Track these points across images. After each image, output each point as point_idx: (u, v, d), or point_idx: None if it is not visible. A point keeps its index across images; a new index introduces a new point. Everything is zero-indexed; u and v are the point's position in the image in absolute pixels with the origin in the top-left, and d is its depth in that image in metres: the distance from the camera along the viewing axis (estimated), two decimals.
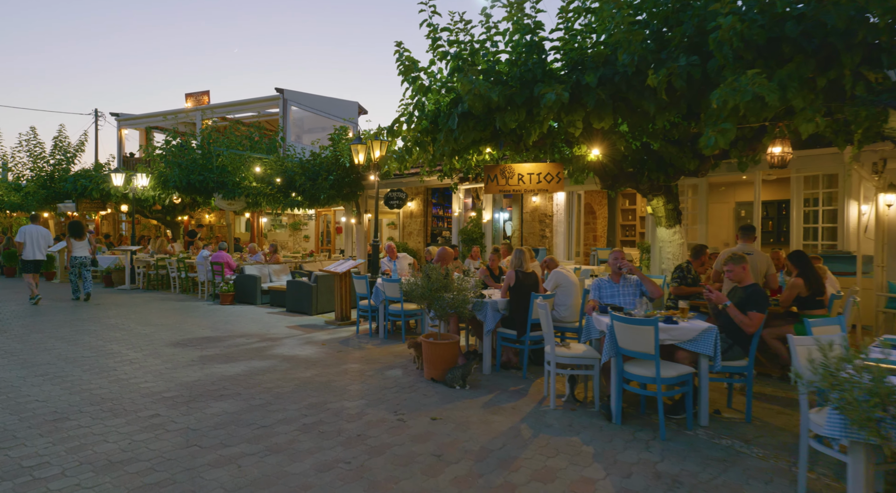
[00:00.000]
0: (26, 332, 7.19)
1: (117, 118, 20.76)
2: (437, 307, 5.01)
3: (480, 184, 10.51)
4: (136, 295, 11.43)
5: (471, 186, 10.56)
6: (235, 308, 9.77)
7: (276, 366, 5.61)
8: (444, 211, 16.65)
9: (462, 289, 5.04)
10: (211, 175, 12.38)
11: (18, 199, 18.37)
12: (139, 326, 7.79)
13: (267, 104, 17.41)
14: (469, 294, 5.08)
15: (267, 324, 8.18)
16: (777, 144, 4.97)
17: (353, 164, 11.55)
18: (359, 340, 7.09)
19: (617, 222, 15.74)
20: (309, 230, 18.15)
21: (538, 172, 7.59)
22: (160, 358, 5.87)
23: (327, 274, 9.32)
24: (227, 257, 10.92)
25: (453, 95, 6.63)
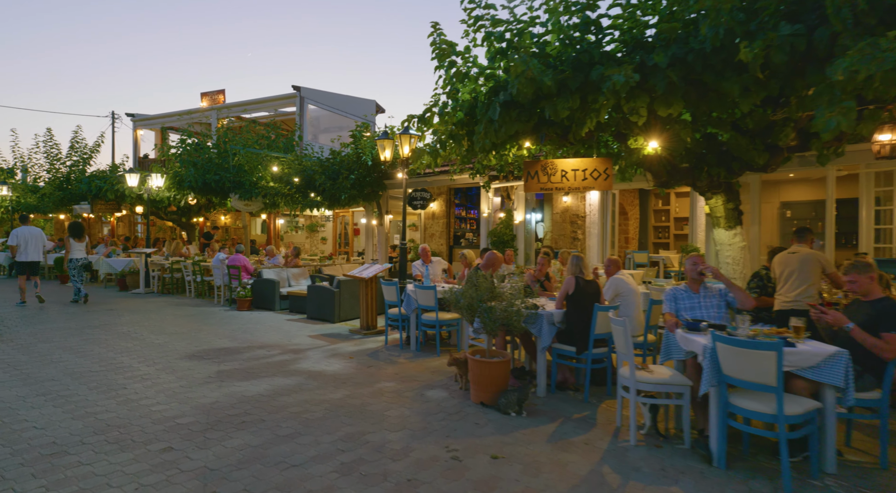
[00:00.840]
0: (34, 341, 6.70)
1: (133, 119, 20.47)
2: (485, 320, 4.38)
3: (512, 182, 9.86)
4: (150, 300, 10.97)
5: (502, 184, 9.92)
6: (253, 315, 9.23)
7: (301, 384, 5.01)
8: (468, 212, 16.02)
9: (513, 299, 4.40)
10: (227, 175, 11.89)
11: (35, 200, 18.14)
12: (152, 335, 7.27)
13: (283, 102, 16.95)
14: (521, 305, 4.44)
15: (288, 333, 7.61)
16: (886, 130, 4.26)
17: (375, 162, 10.98)
18: (389, 352, 6.48)
19: (649, 224, 15.00)
20: (326, 232, 17.63)
21: (584, 168, 6.92)
22: (174, 374, 5.31)
23: (351, 279, 8.74)
24: (244, 261, 10.39)
25: (492, 82, 6.02)
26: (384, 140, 7.94)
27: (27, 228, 9.85)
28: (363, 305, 7.73)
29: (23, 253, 9.66)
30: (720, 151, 6.11)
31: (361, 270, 7.92)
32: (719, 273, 3.99)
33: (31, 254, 9.71)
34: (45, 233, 24.06)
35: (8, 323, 7.93)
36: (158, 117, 19.51)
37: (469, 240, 15.30)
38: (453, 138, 6.61)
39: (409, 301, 6.56)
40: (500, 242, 9.93)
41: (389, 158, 8.02)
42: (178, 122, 17.32)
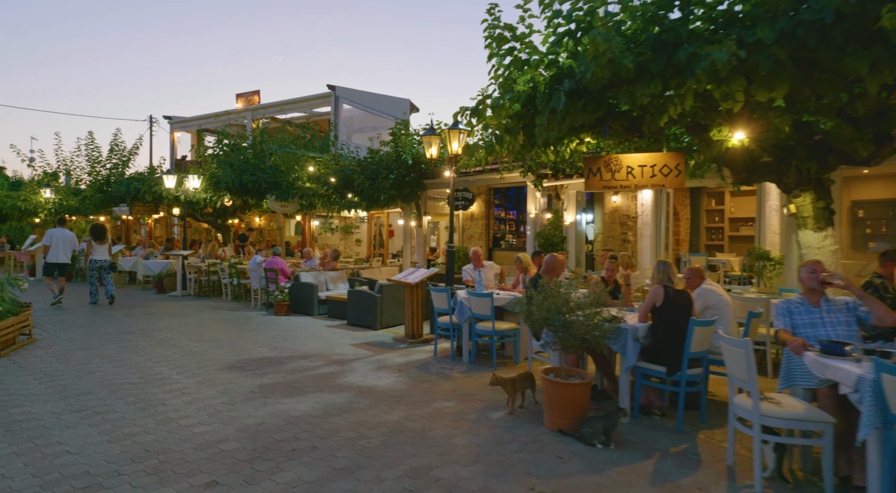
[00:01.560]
0: (72, 348, 6.46)
1: (170, 121, 20.63)
2: (563, 336, 3.83)
3: (562, 181, 9.26)
4: (187, 303, 10.78)
5: (550, 183, 9.32)
6: (291, 320, 8.88)
7: (352, 402, 4.55)
8: (507, 213, 15.45)
9: (594, 311, 3.83)
10: (264, 175, 11.64)
11: (76, 203, 18.41)
12: (191, 342, 6.96)
13: (318, 102, 16.72)
14: (602, 318, 3.87)
15: (329, 341, 7.20)
16: None
17: (416, 161, 10.53)
18: (440, 365, 5.98)
19: (701, 225, 14.12)
20: (361, 234, 17.32)
21: (652, 164, 6.29)
22: (215, 387, 4.93)
23: (393, 284, 8.30)
24: (282, 264, 10.08)
25: (554, 70, 5.47)
26: (430, 136, 7.46)
27: (60, 231, 10.00)
28: (408, 312, 7.26)
29: (53, 254, 9.81)
30: (812, 142, 5.42)
31: (406, 274, 7.46)
32: (849, 282, 3.34)
33: (59, 255, 9.85)
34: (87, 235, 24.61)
35: (48, 328, 7.76)
36: (194, 119, 19.59)
37: (509, 242, 14.73)
38: (509, 132, 6.09)
39: (462, 309, 6.05)
40: (549, 244, 9.34)
41: (436, 155, 7.54)
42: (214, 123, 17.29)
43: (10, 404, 4.34)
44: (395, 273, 11.99)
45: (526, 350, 6.22)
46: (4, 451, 3.45)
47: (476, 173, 10.34)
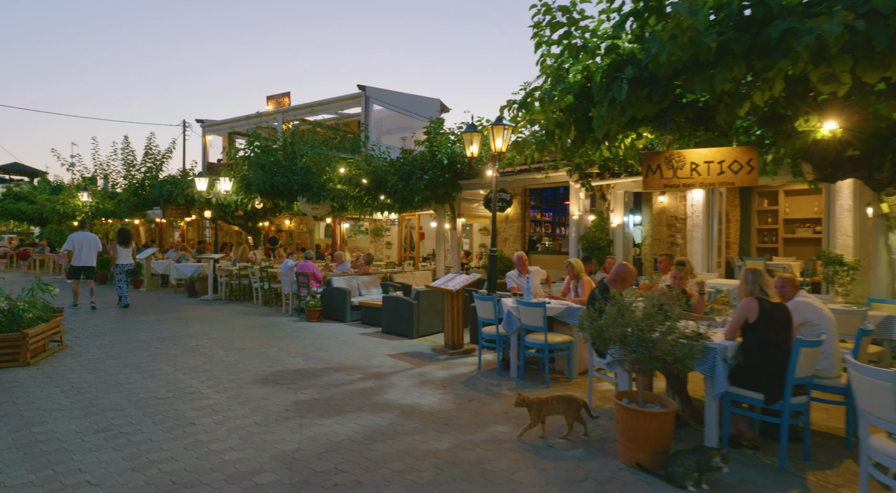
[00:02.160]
0: (101, 356, 6.23)
1: (202, 124, 20.75)
2: (644, 357, 3.30)
3: (609, 180, 8.66)
4: (217, 307, 10.58)
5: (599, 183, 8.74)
6: (324, 327, 8.53)
7: (396, 425, 4.12)
8: (543, 214, 14.89)
9: (677, 328, 3.29)
10: (295, 177, 11.39)
11: (112, 206, 18.65)
12: (222, 350, 6.66)
13: (349, 103, 16.48)
14: (686, 336, 3.32)
15: (365, 351, 6.80)
16: None
17: (451, 161, 10.09)
18: (486, 380, 5.50)
19: (752, 227, 13.25)
20: (391, 236, 16.98)
21: (720, 160, 5.68)
22: (247, 404, 4.56)
23: (430, 290, 7.86)
24: (314, 268, 9.77)
25: (613, 56, 4.95)
26: (471, 133, 7.00)
27: (83, 234, 9.98)
28: (449, 320, 6.80)
29: (77, 257, 9.84)
30: None
31: (445, 281, 7.01)
32: None
33: (84, 259, 9.88)
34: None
35: (79, 333, 7.60)
36: (226, 122, 19.63)
37: (545, 245, 14.16)
38: (560, 127, 5.58)
39: (510, 320, 5.56)
40: (595, 247, 8.76)
41: (476, 153, 7.07)
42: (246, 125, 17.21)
43: (33, 422, 4.05)
44: (428, 277, 11.57)
45: (581, 365, 5.69)
46: (21, 479, 3.12)
47: (517, 173, 9.82)
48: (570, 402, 3.84)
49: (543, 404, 3.85)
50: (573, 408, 3.83)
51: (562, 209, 15.67)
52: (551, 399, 3.86)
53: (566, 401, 3.85)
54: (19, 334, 5.58)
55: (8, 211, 20.90)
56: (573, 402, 3.84)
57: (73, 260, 9.89)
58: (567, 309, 5.47)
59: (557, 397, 3.87)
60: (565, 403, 3.84)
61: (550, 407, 3.85)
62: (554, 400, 3.86)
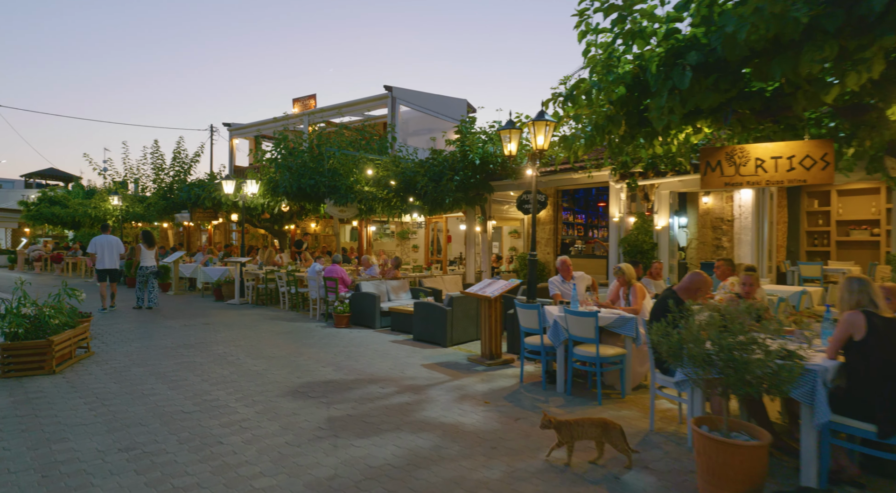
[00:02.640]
0: (127, 364, 6.03)
1: (229, 128, 20.84)
2: (732, 381, 2.84)
3: (653, 180, 8.14)
4: (245, 312, 10.39)
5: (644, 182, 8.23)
6: (353, 334, 8.22)
7: (439, 448, 3.74)
8: (575, 217, 14.37)
9: (772, 348, 2.83)
10: (322, 179, 11.15)
11: (141, 210, 18.82)
12: (250, 358, 6.39)
13: (375, 104, 16.26)
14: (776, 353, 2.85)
15: (397, 360, 6.45)
16: None
17: (483, 161, 9.70)
18: (531, 395, 5.08)
19: (801, 229, 12.49)
20: (418, 239, 16.66)
21: (790, 155, 5.16)
22: (278, 420, 4.25)
23: (464, 296, 7.48)
24: (342, 272, 9.49)
25: (672, 42, 4.52)
26: (509, 130, 6.60)
27: (105, 237, 10.04)
28: (485, 329, 6.41)
29: (100, 261, 9.90)
30: None
31: (482, 287, 6.61)
32: None
33: (106, 262, 9.93)
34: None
35: (106, 339, 7.45)
36: (252, 125, 19.64)
37: (578, 248, 13.64)
38: (611, 120, 5.15)
39: (557, 330, 5.13)
40: (638, 251, 8.25)
41: (514, 151, 6.67)
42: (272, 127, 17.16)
43: (53, 438, 3.80)
44: (457, 282, 11.19)
45: (634, 379, 5.22)
46: None
47: (557, 172, 9.37)
48: (606, 428, 3.41)
49: (574, 428, 3.43)
50: (608, 434, 3.39)
51: (594, 211, 15.12)
52: (584, 422, 3.44)
53: (601, 426, 3.42)
54: (45, 341, 5.40)
55: (43, 215, 21.32)
56: (609, 428, 3.40)
57: (97, 263, 9.95)
58: (619, 319, 5.02)
59: (591, 420, 3.45)
60: (600, 428, 3.41)
61: (582, 431, 3.43)
62: (587, 424, 3.43)
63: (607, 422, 3.42)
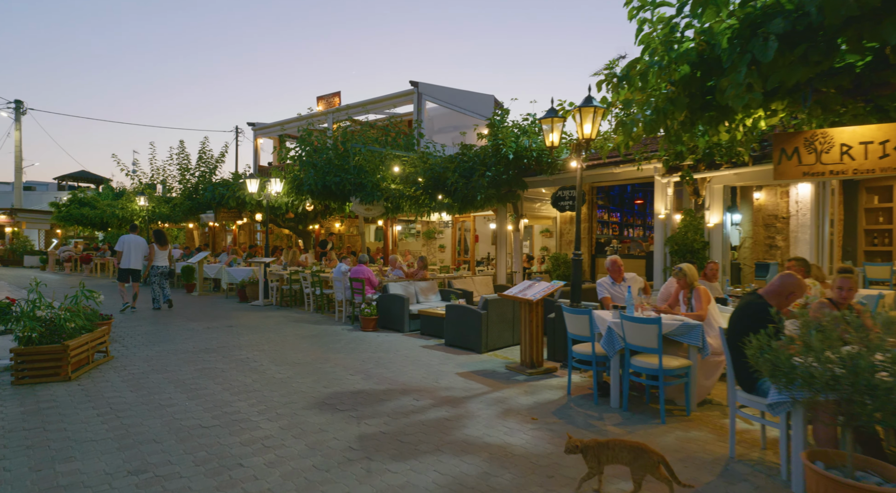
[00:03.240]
0: (146, 370, 5.70)
1: (253, 128, 20.74)
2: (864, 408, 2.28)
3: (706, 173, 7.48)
4: (269, 314, 10.08)
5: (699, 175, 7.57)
6: (381, 338, 7.79)
7: (487, 475, 3.24)
8: (610, 215, 13.71)
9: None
10: (348, 176, 10.78)
11: (167, 210, 18.84)
12: (274, 365, 6.01)
13: (400, 100, 15.88)
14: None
15: (430, 368, 5.99)
16: None
17: (517, 156, 9.17)
18: (582, 410, 4.55)
19: (859, 227, 11.58)
20: (444, 239, 16.20)
21: (883, 140, 4.51)
22: (304, 438, 3.81)
23: (500, 299, 6.97)
24: (369, 273, 9.08)
25: (749, 9, 3.97)
26: (551, 119, 6.07)
27: (132, 237, 9.99)
28: (527, 334, 5.89)
29: (125, 260, 9.83)
30: None
31: (522, 289, 6.10)
32: None
33: (132, 261, 9.86)
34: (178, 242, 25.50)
35: (127, 342, 7.18)
36: (277, 124, 19.48)
37: (614, 247, 12.97)
38: (673, 103, 4.59)
39: (612, 338, 4.59)
40: (688, 250, 7.61)
41: (557, 142, 6.13)
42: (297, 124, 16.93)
43: (59, 457, 3.44)
44: (488, 283, 10.68)
45: (699, 395, 4.64)
46: None
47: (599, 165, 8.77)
48: (641, 454, 2.85)
49: (603, 450, 2.89)
50: (644, 463, 2.82)
51: (630, 209, 14.43)
52: (615, 444, 2.90)
53: (635, 452, 2.86)
54: (60, 346, 5.09)
55: (72, 216, 21.57)
56: (645, 455, 2.84)
57: (122, 262, 9.88)
58: (683, 326, 4.45)
59: (623, 443, 2.90)
60: (633, 454, 2.86)
61: (612, 455, 2.89)
62: (618, 446, 2.89)
63: (644, 448, 2.87)
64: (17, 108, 29.14)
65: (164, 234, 10.59)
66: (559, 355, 6.31)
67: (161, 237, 10.41)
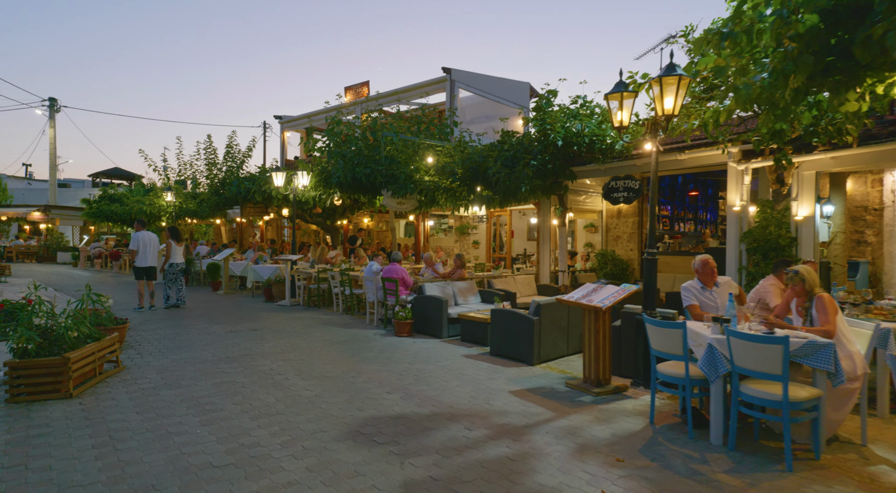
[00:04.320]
0: (158, 383, 5.05)
1: (280, 121, 20.25)
2: None
3: (808, 156, 6.41)
4: (295, 315, 9.43)
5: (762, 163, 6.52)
6: (418, 345, 7.02)
7: None
8: (660, 208, 12.58)
9: None
10: (379, 167, 10.02)
11: (194, 206, 18.51)
12: (300, 378, 5.29)
13: (432, 88, 15.05)
14: None
15: (478, 384, 5.17)
16: None
17: (567, 142, 8.24)
18: (676, 448, 3.65)
19: None
20: (479, 235, 15.34)
21: None
22: (336, 484, 3.05)
23: (555, 304, 6.11)
24: (403, 272, 8.31)
25: None
26: (619, 94, 5.13)
27: (146, 233, 9.56)
28: (591, 347, 5.01)
29: (141, 258, 9.40)
30: None
31: (584, 293, 5.21)
32: None
33: (149, 259, 9.43)
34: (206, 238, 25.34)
35: (142, 348, 6.58)
36: (303, 117, 18.92)
37: (667, 244, 11.89)
38: (796, 63, 3.64)
39: (714, 358, 3.67)
40: (771, 248, 6.57)
41: (626, 121, 5.20)
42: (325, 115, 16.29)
43: None
44: (530, 282, 9.79)
45: (827, 431, 3.68)
46: None
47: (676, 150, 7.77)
48: None
49: None
50: None
51: (681, 201, 13.28)
52: None
53: None
54: (59, 358, 4.46)
55: (103, 212, 21.55)
56: None
57: (138, 260, 9.46)
58: (808, 345, 3.50)
59: None
60: None
61: None
62: None
63: None
64: (51, 105, 29.49)
65: (178, 230, 10.14)
66: (626, 369, 5.42)
67: (176, 233, 9.94)
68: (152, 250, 9.64)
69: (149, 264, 9.58)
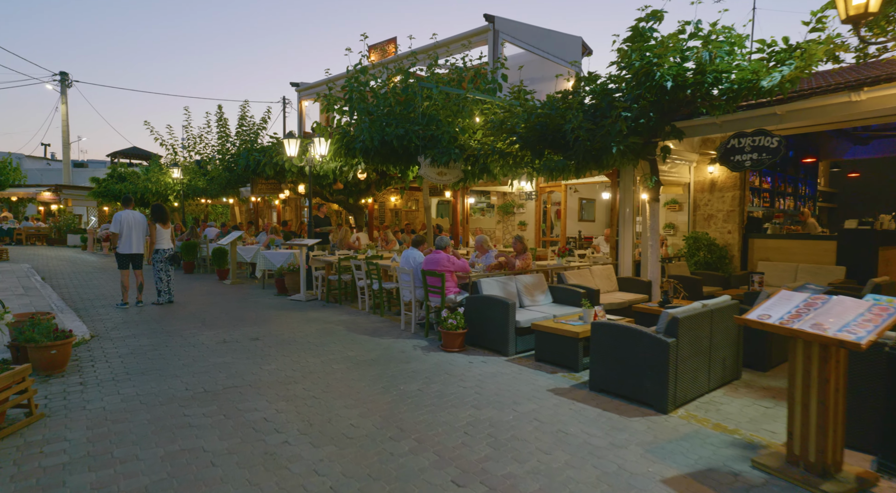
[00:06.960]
0: (76, 457, 3.10)
1: (297, 88, 18.20)
2: None
3: None
4: (311, 316, 7.46)
5: None
6: (478, 369, 4.95)
7: None
8: (761, 179, 10.16)
9: None
10: (415, 127, 7.84)
11: (203, 183, 16.74)
12: (306, 441, 3.26)
13: (472, 40, 12.72)
14: None
15: (600, 459, 3.07)
16: None
17: (677, 85, 5.92)
18: None
19: None
20: (526, 215, 13.12)
21: None
22: None
23: (693, 318, 3.95)
24: (453, 262, 6.22)
25: None
26: None
27: (131, 213, 7.76)
28: (814, 408, 2.84)
29: (125, 243, 7.67)
30: None
31: (794, 310, 3.03)
32: None
33: (132, 245, 7.72)
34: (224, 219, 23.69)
35: (93, 373, 4.67)
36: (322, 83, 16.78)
37: (778, 225, 9.50)
38: None
39: None
40: None
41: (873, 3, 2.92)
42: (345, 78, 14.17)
43: None
44: (609, 276, 7.57)
45: None
46: None
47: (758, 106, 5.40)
48: None
49: None
50: None
51: (783, 172, 10.78)
52: None
53: None
54: None
55: (110, 191, 20.02)
56: None
57: (121, 246, 7.68)
58: None
59: None
60: None
61: None
62: None
63: None
64: (62, 80, 28.06)
65: (164, 209, 8.22)
66: (854, 438, 3.23)
67: (161, 214, 8.07)
68: (137, 232, 7.80)
69: (134, 251, 7.82)
